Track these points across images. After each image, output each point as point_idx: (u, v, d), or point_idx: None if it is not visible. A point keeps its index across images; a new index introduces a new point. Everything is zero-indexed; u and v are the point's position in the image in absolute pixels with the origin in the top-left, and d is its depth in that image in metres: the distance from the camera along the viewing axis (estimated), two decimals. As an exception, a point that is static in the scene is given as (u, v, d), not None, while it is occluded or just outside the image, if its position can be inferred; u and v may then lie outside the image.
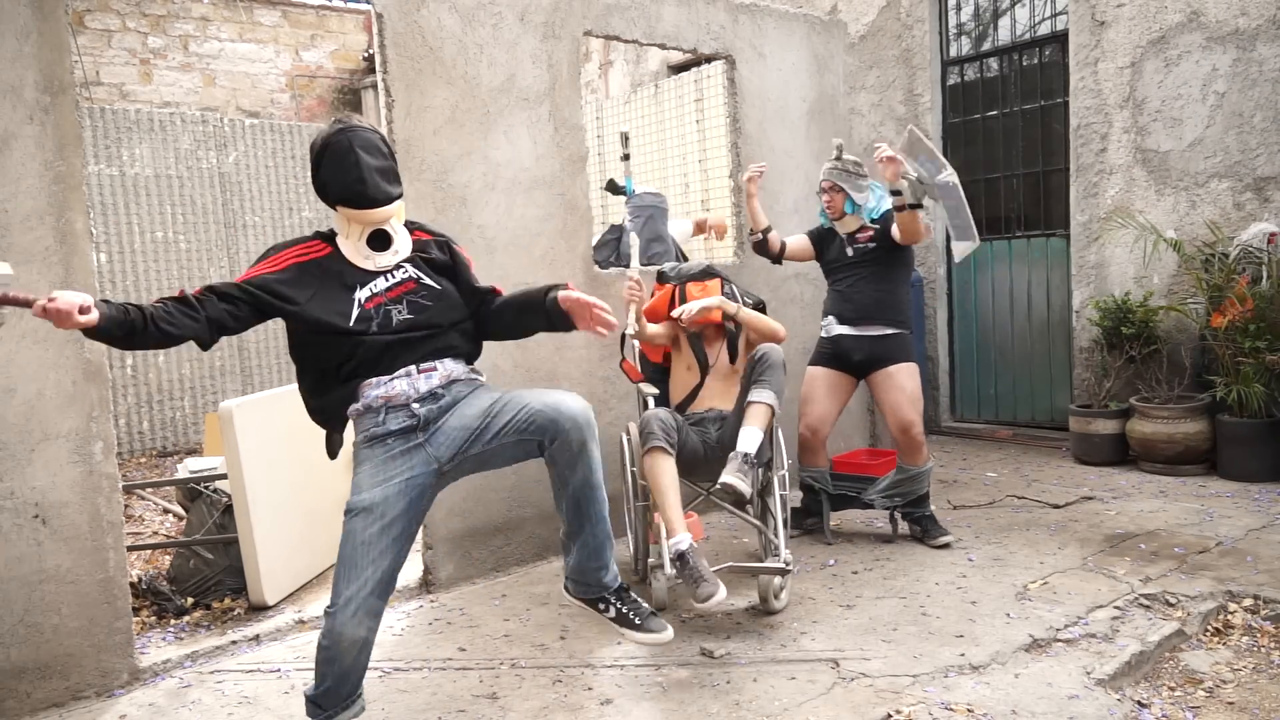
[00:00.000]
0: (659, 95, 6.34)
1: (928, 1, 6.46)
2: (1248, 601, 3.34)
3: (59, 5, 2.96)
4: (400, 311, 2.40)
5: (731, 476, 3.21)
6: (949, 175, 3.84)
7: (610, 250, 5.24)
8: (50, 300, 2.02)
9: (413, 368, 2.40)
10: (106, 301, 2.14)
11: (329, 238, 2.47)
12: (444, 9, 3.87)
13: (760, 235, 4.32)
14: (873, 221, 4.20)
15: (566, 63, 4.26)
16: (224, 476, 3.97)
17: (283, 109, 10.43)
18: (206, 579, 3.84)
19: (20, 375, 2.89)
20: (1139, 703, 2.73)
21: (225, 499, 3.94)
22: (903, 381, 4.12)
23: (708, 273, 3.86)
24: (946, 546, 4.08)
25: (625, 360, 3.89)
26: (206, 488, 4.05)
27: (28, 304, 2.04)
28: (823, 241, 4.36)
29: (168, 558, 4.29)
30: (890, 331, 4.16)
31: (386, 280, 2.42)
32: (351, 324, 2.35)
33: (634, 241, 3.73)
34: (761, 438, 3.33)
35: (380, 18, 3.71)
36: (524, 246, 4.14)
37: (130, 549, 3.91)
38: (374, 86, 10.42)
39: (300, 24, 10.63)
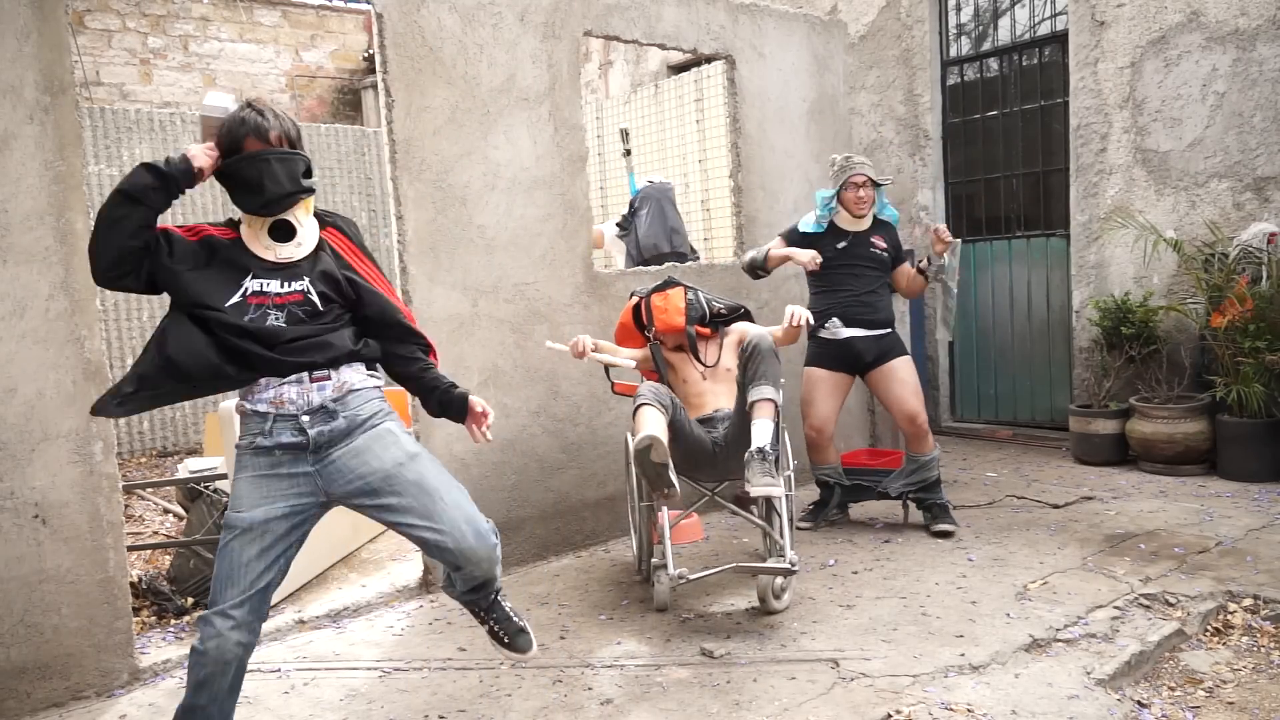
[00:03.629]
0: (659, 95, 6.34)
1: (928, 1, 6.46)
2: (1248, 601, 3.34)
3: (59, 5, 2.96)
4: (278, 319, 2.24)
5: (761, 486, 3.19)
6: (955, 282, 4.42)
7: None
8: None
9: (305, 375, 2.25)
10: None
11: (236, 225, 2.35)
12: (444, 9, 3.87)
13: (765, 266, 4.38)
14: (882, 233, 4.36)
15: (566, 63, 4.26)
16: (224, 476, 3.97)
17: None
18: (206, 579, 3.83)
19: (20, 375, 2.89)
20: (1139, 703, 2.73)
21: (225, 499, 3.94)
22: (905, 374, 4.27)
23: (669, 283, 3.87)
24: (944, 535, 4.18)
25: (616, 384, 3.95)
26: (206, 488, 4.05)
27: None
28: (814, 241, 4.29)
29: (168, 558, 4.29)
30: (888, 330, 4.35)
31: (281, 285, 2.27)
32: (225, 305, 2.20)
33: (555, 346, 3.74)
34: (773, 428, 3.32)
35: (380, 18, 3.71)
36: (524, 247, 4.14)
37: (130, 549, 3.91)
38: (374, 86, 10.42)
39: (300, 24, 10.63)
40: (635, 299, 3.91)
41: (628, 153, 6.04)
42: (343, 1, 10.81)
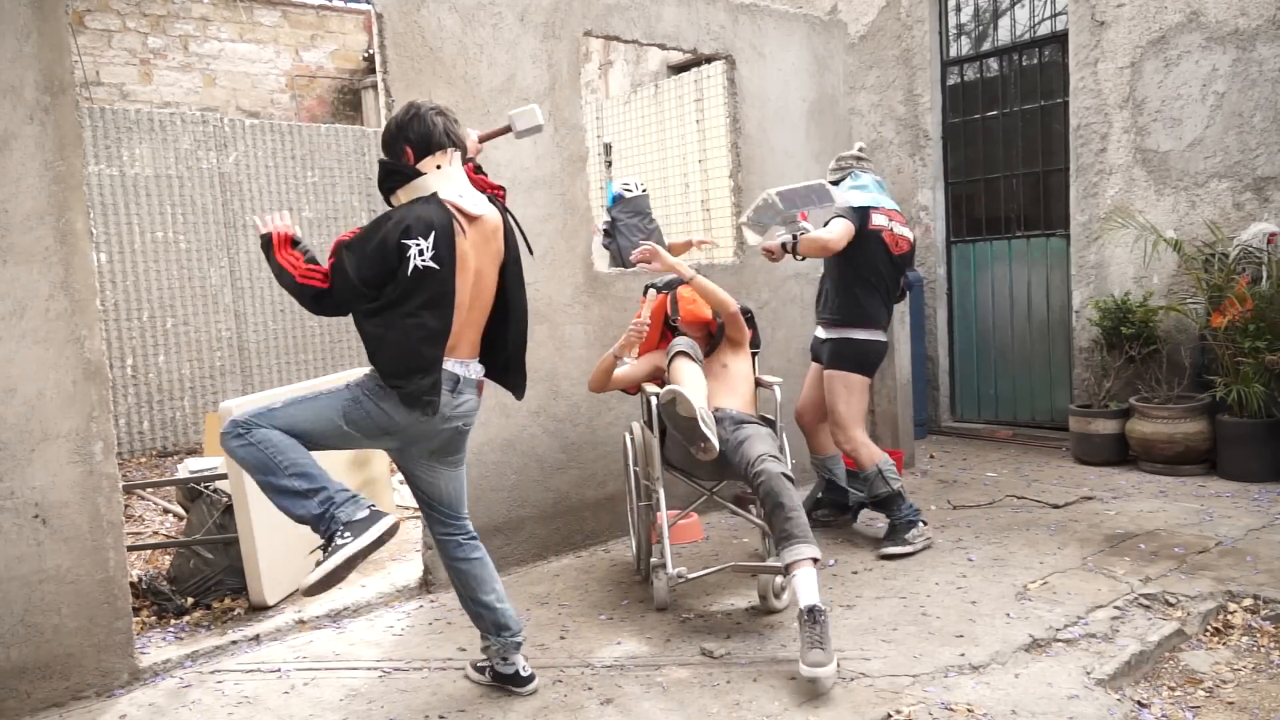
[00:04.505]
0: (659, 95, 6.34)
1: (928, 1, 6.46)
2: (1248, 601, 3.34)
3: (59, 5, 2.95)
4: None
5: (810, 668, 2.75)
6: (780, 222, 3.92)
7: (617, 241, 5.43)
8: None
9: None
10: None
11: None
12: (444, 9, 3.87)
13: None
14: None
15: (566, 63, 4.26)
16: (224, 476, 3.97)
17: (283, 109, 10.44)
18: (206, 579, 3.84)
19: (20, 375, 2.89)
20: (1139, 703, 2.73)
21: (225, 499, 3.94)
22: (828, 385, 4.19)
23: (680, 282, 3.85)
24: (888, 558, 3.95)
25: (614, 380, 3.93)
26: (206, 488, 4.05)
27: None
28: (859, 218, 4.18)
29: (168, 558, 4.29)
30: (830, 335, 4.20)
31: None
32: None
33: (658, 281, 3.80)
34: (816, 589, 2.96)
35: (380, 18, 3.71)
36: (524, 246, 4.13)
37: (130, 549, 3.91)
38: (374, 86, 10.42)
39: (300, 24, 10.63)
40: (660, 293, 3.85)
41: (608, 164, 6.12)
42: (343, 1, 10.81)
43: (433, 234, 2.47)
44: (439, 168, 2.59)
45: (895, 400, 5.46)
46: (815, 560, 3.01)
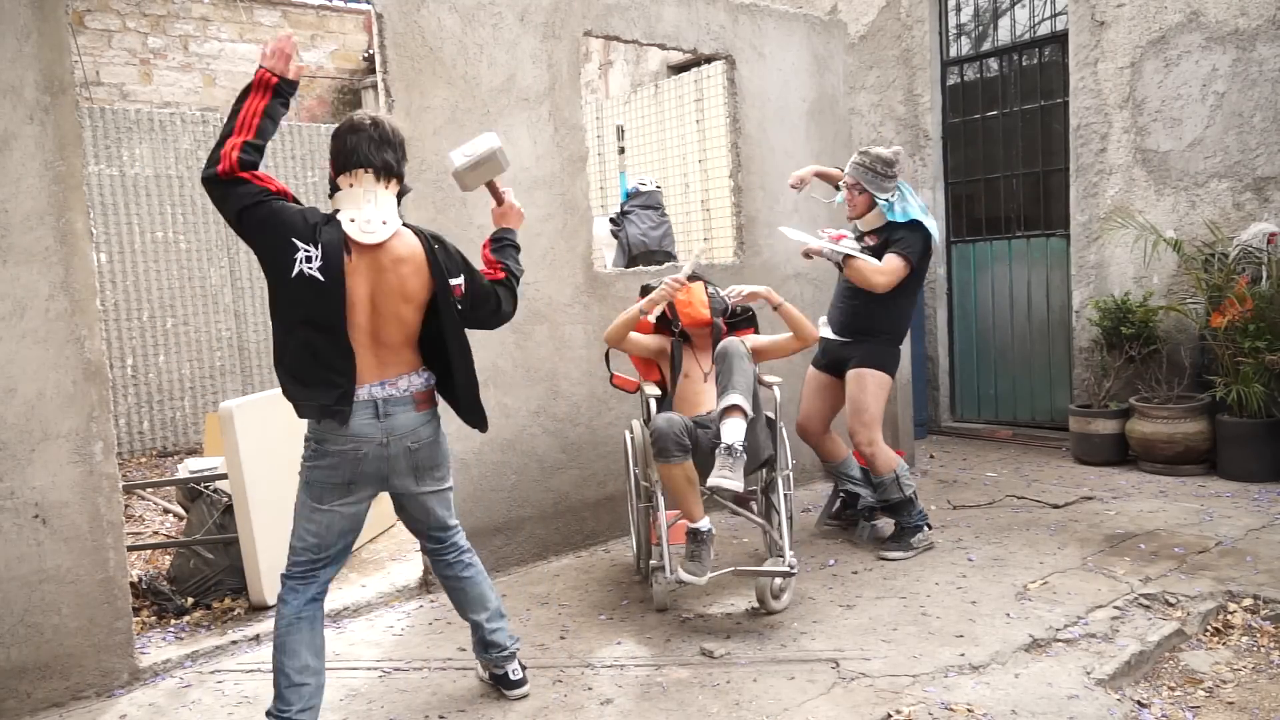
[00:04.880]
0: (659, 95, 6.34)
1: (928, 1, 6.46)
2: (1247, 601, 3.34)
3: (59, 5, 2.95)
4: None
5: (717, 479, 3.22)
6: (842, 253, 4.01)
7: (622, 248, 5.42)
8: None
9: None
10: None
11: None
12: (444, 9, 3.87)
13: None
14: (887, 229, 4.05)
15: (566, 63, 4.26)
16: (224, 476, 3.97)
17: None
18: (206, 579, 3.83)
19: (20, 375, 2.89)
20: (1139, 703, 2.73)
21: (225, 499, 3.94)
22: (852, 391, 4.08)
23: (690, 278, 3.84)
24: (886, 559, 3.96)
25: (616, 376, 3.91)
26: (206, 488, 4.05)
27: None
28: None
29: (168, 558, 4.29)
30: (856, 339, 4.13)
31: None
32: None
33: (696, 252, 3.77)
34: (743, 429, 3.30)
35: (380, 18, 3.71)
36: (524, 247, 4.12)
37: (130, 549, 3.91)
38: (374, 86, 10.41)
39: (300, 24, 10.63)
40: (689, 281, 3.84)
41: (621, 150, 6.10)
42: (343, 1, 10.81)
43: (322, 248, 2.42)
44: (351, 187, 2.52)
45: (895, 400, 5.45)
46: (741, 410, 3.34)
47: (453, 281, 2.58)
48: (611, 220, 5.68)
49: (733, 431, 3.29)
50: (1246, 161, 5.09)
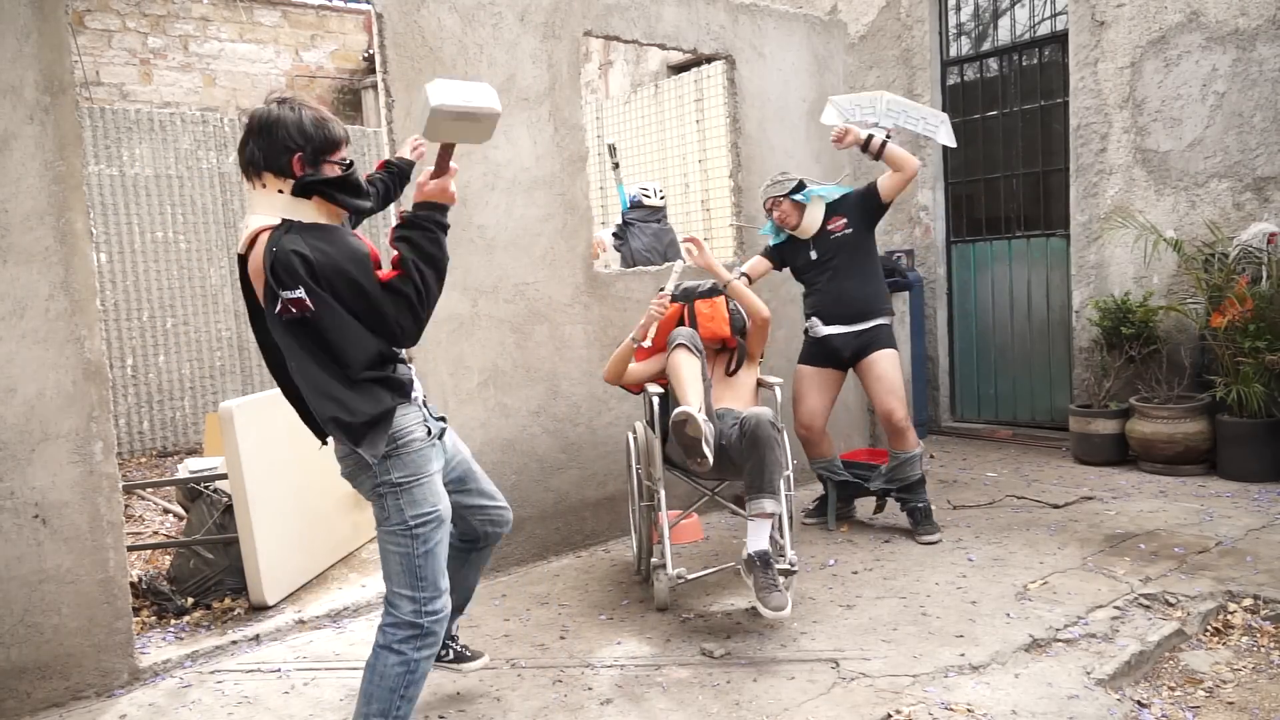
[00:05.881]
0: (659, 95, 6.34)
1: (928, 1, 6.46)
2: (1248, 601, 3.34)
3: (59, 5, 2.95)
4: None
5: (772, 609, 3.05)
6: (888, 123, 4.21)
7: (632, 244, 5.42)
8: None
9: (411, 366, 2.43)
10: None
11: None
12: (444, 9, 3.87)
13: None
14: (837, 211, 4.25)
15: (566, 63, 4.26)
16: (224, 476, 3.97)
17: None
18: (206, 579, 3.84)
19: (20, 375, 2.89)
20: (1139, 703, 2.73)
21: (225, 499, 3.94)
22: (882, 370, 4.19)
23: (714, 290, 3.86)
24: (933, 544, 4.13)
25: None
26: (206, 488, 4.05)
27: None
28: (784, 253, 4.40)
29: (168, 558, 4.29)
30: (873, 324, 4.25)
31: None
32: None
33: (678, 268, 3.74)
34: (767, 537, 3.25)
35: (380, 18, 3.71)
36: (524, 247, 4.14)
37: (130, 549, 3.91)
38: (374, 86, 10.42)
39: (300, 24, 10.63)
40: (676, 304, 3.82)
41: (616, 166, 6.08)
42: (343, 1, 10.81)
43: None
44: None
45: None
46: (772, 515, 3.26)
47: (287, 295, 2.10)
48: (615, 233, 5.65)
49: (759, 538, 3.23)
50: (1246, 161, 5.09)
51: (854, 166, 5.78)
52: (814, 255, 4.28)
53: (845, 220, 4.24)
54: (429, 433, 2.33)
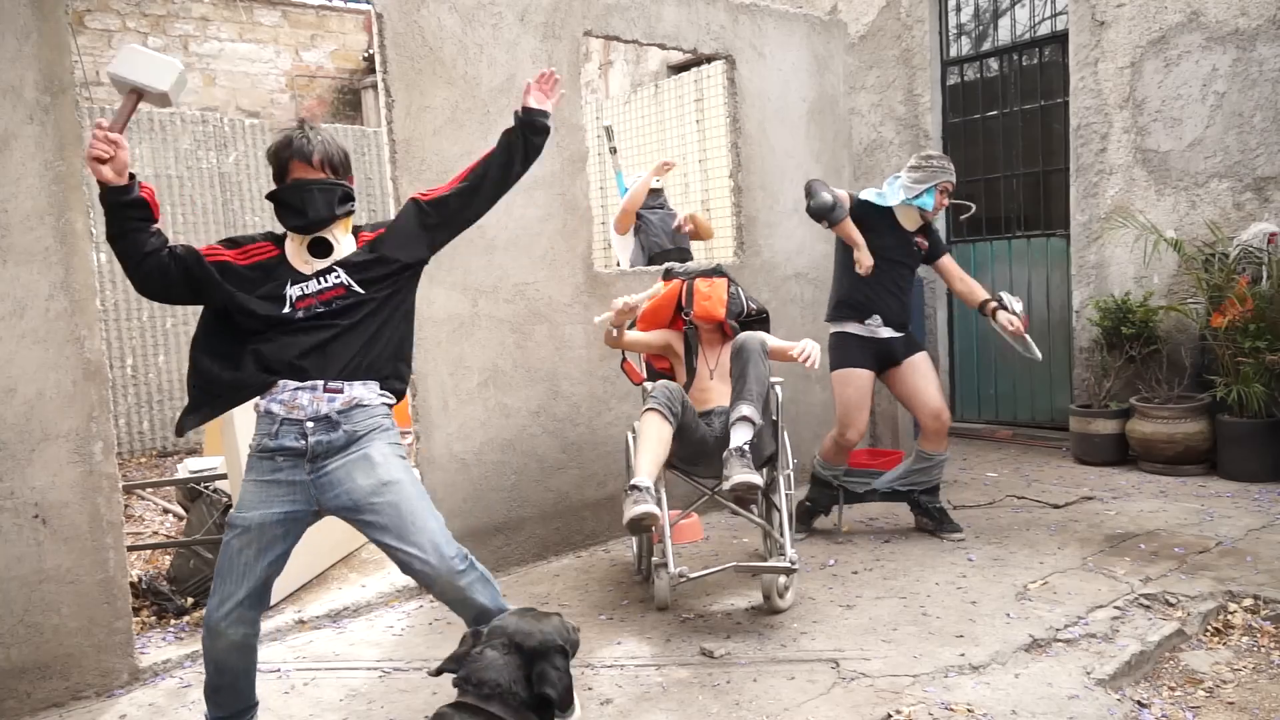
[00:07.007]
0: (659, 95, 6.34)
1: (928, 1, 6.46)
2: (1248, 601, 3.34)
3: (59, 5, 2.95)
4: (318, 319, 2.41)
5: (739, 476, 3.14)
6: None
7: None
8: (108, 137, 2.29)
9: (320, 383, 2.38)
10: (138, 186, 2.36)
11: (279, 240, 2.51)
12: (444, 9, 3.87)
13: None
14: (921, 231, 4.27)
15: (566, 63, 4.26)
16: (224, 476, 3.97)
17: (283, 109, 10.43)
18: (206, 579, 3.83)
19: (20, 375, 2.89)
20: (1139, 703, 2.73)
21: (225, 499, 3.95)
22: (927, 368, 4.22)
23: (717, 271, 3.85)
24: (960, 541, 4.15)
25: (627, 362, 3.89)
26: (206, 488, 4.05)
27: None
28: (873, 218, 4.13)
29: (168, 558, 4.29)
30: (903, 332, 4.26)
31: (318, 283, 2.43)
32: (281, 312, 2.39)
33: (651, 290, 3.74)
34: (750, 435, 3.29)
35: (380, 18, 3.71)
36: (524, 247, 4.14)
37: (130, 549, 3.91)
38: (374, 86, 10.41)
39: (300, 24, 10.63)
40: (677, 280, 3.81)
41: (614, 150, 6.05)
42: (343, 1, 10.81)
43: None
44: None
45: (895, 400, 5.45)
46: (749, 419, 3.30)
47: None
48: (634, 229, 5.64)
49: (741, 436, 3.28)
50: (1246, 161, 5.09)
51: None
52: (898, 247, 4.16)
53: (925, 244, 4.29)
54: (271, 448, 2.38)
